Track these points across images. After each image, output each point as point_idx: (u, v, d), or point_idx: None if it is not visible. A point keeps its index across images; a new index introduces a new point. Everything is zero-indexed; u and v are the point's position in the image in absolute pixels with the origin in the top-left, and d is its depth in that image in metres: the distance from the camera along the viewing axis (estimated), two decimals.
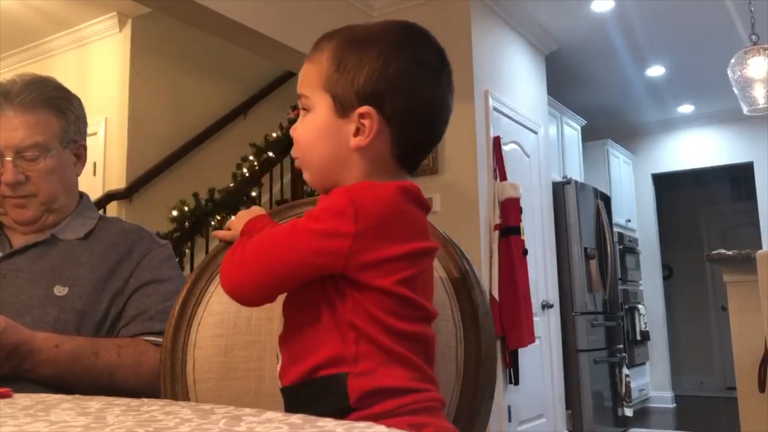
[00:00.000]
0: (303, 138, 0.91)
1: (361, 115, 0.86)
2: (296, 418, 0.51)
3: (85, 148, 1.41)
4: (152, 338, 1.25)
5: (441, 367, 0.96)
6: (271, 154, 4.77)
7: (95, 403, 0.63)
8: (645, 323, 6.34)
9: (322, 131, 0.89)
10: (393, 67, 0.87)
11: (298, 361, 0.85)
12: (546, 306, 4.37)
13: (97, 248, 1.32)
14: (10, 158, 1.27)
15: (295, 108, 4.85)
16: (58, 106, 1.33)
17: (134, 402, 0.63)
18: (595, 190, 5.37)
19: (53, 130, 1.31)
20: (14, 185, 1.27)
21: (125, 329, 1.27)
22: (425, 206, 0.88)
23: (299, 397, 0.84)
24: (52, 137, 1.31)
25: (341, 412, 0.78)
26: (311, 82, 0.90)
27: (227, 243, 1.11)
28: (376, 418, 0.78)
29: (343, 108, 0.87)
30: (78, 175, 1.41)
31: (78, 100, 1.40)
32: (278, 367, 0.90)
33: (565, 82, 5.45)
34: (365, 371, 0.80)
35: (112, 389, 1.17)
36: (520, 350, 3.85)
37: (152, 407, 0.59)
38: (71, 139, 1.36)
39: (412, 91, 0.88)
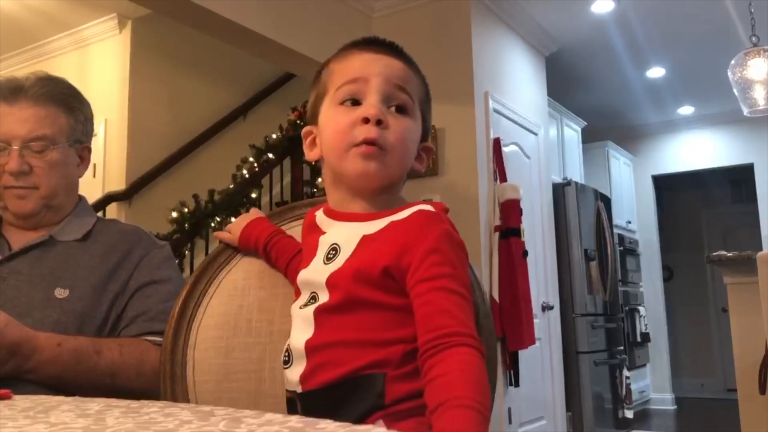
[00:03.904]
0: (409, 141, 0.93)
1: (425, 149, 0.98)
2: (296, 421, 0.51)
3: (89, 150, 1.43)
4: (153, 338, 1.25)
5: None
6: (270, 155, 4.76)
7: (95, 404, 0.63)
8: (645, 325, 6.34)
9: (415, 142, 0.95)
10: None
11: (334, 366, 0.84)
12: (546, 307, 4.37)
13: (96, 250, 1.32)
14: (16, 147, 1.28)
15: (295, 109, 4.85)
16: (68, 104, 1.35)
17: (134, 404, 0.63)
18: (596, 191, 5.37)
19: (61, 126, 1.33)
20: (17, 174, 1.28)
21: (126, 330, 1.27)
22: None
23: (329, 398, 0.84)
24: (59, 132, 1.32)
25: (373, 409, 0.81)
26: (414, 90, 0.96)
27: (227, 245, 1.12)
28: (404, 415, 0.81)
29: (423, 135, 0.98)
30: (80, 176, 1.42)
31: (88, 102, 1.42)
32: (296, 371, 0.88)
33: (565, 83, 5.45)
34: (405, 373, 0.82)
35: (114, 389, 1.17)
36: (520, 352, 3.84)
37: (152, 409, 0.59)
38: (77, 139, 1.37)
39: None
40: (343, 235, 0.92)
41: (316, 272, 0.91)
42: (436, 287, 0.81)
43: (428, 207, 0.90)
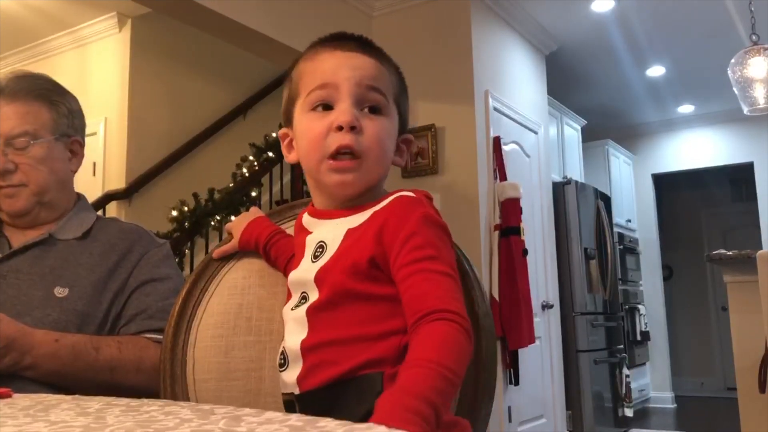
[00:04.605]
0: (384, 141, 0.92)
1: (405, 141, 0.98)
2: (296, 420, 0.51)
3: (80, 144, 1.41)
4: (152, 335, 1.25)
5: None
6: (270, 154, 4.77)
7: (95, 403, 0.63)
8: (645, 324, 6.34)
9: (392, 140, 0.94)
10: None
11: (330, 366, 0.84)
12: (546, 306, 4.37)
13: (96, 248, 1.32)
14: None
15: None
16: (49, 98, 1.33)
17: (134, 402, 0.63)
18: (596, 190, 5.36)
19: (44, 121, 1.31)
20: (3, 174, 1.27)
21: (125, 328, 1.27)
22: None
23: (327, 398, 0.84)
24: (42, 127, 1.31)
25: (372, 410, 0.79)
26: (387, 87, 0.94)
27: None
28: None
29: (401, 127, 0.97)
30: (74, 171, 1.40)
31: (72, 96, 1.40)
32: (293, 372, 0.88)
33: (565, 82, 5.45)
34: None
35: (113, 385, 1.17)
36: (520, 351, 3.84)
37: (152, 407, 0.59)
38: (64, 132, 1.35)
39: None
40: (329, 232, 0.92)
41: (305, 271, 0.91)
42: (418, 270, 0.81)
43: (408, 193, 0.90)
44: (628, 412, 5.08)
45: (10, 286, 1.23)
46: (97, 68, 4.95)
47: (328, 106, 0.91)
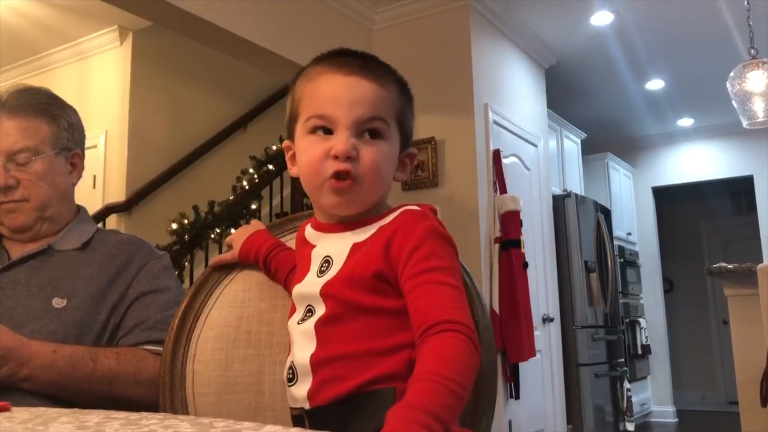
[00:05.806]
0: (381, 167, 0.91)
1: (408, 155, 0.98)
2: None
3: (81, 157, 1.41)
4: (152, 347, 1.25)
5: None
6: (270, 167, 4.77)
7: (94, 416, 0.62)
8: (646, 337, 6.32)
9: (392, 162, 0.95)
10: None
11: (340, 381, 0.84)
12: (546, 319, 4.36)
13: (95, 259, 1.32)
14: (0, 162, 1.27)
15: None
16: (49, 113, 1.33)
17: (133, 416, 0.63)
18: (596, 203, 5.37)
19: (44, 135, 1.31)
20: (4, 190, 1.27)
21: (124, 339, 1.27)
22: None
23: (338, 414, 0.84)
24: (42, 142, 1.31)
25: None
26: (388, 111, 0.93)
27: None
28: None
29: (404, 144, 0.97)
30: (74, 184, 1.40)
31: (72, 109, 1.40)
32: (303, 387, 0.87)
33: (564, 95, 5.47)
34: None
35: (111, 397, 1.16)
36: (520, 364, 3.83)
37: (151, 421, 0.58)
38: (64, 146, 1.35)
39: None
40: (334, 247, 0.93)
41: (310, 285, 0.92)
42: (423, 281, 0.82)
43: (413, 207, 0.91)
44: (629, 426, 5.05)
45: (8, 297, 1.23)
46: (98, 81, 4.97)
47: (328, 130, 0.91)
